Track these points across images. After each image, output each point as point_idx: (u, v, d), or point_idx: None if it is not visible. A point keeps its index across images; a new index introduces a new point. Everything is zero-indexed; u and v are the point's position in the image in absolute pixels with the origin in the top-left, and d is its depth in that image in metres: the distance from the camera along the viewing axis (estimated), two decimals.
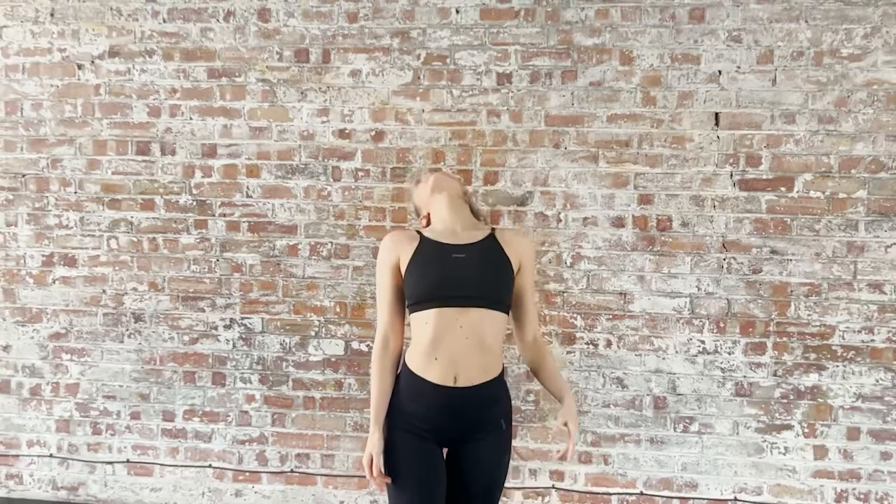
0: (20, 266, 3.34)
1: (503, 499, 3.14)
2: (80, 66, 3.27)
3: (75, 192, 3.30)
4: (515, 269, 2.14)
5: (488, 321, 2.02)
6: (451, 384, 2.01)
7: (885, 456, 3.02)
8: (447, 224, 2.18)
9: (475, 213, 2.31)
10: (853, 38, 2.96)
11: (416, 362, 2.06)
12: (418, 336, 2.06)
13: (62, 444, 3.37)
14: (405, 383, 2.09)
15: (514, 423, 3.09)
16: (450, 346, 2.00)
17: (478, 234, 2.15)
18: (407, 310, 2.13)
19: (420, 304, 2.05)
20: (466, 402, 2.02)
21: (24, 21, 3.28)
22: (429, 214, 2.29)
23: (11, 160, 3.32)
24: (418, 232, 2.19)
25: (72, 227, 3.31)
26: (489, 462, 2.09)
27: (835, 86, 2.97)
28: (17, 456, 3.39)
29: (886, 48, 2.94)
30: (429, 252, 2.09)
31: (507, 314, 2.14)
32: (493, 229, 2.20)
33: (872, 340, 3.00)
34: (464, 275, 2.02)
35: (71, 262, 3.32)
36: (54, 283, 3.34)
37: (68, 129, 3.29)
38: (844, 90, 2.97)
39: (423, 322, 2.03)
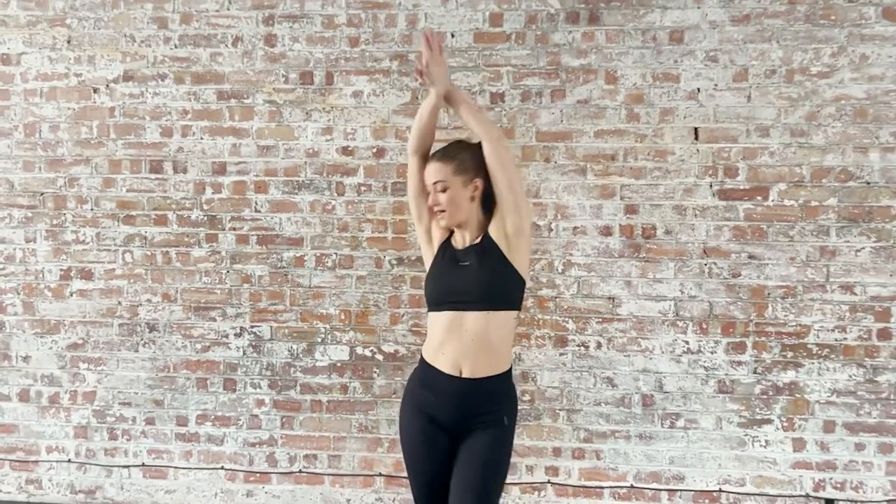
0: (39, 280, 3.51)
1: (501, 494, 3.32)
2: (95, 90, 3.46)
3: (91, 209, 3.48)
4: (502, 226, 2.20)
5: (494, 323, 2.18)
6: (457, 375, 2.19)
7: (859, 447, 3.21)
8: (466, 229, 2.30)
9: None
10: (821, 56, 3.17)
11: (429, 353, 2.25)
12: (431, 331, 2.27)
13: (80, 450, 3.53)
14: (420, 369, 2.29)
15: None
16: (455, 346, 2.18)
17: (479, 234, 2.28)
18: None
19: (431, 305, 2.27)
20: (471, 392, 2.19)
21: (42, 48, 3.46)
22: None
23: (30, 179, 3.49)
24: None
25: (88, 243, 3.49)
26: (486, 451, 2.20)
27: (805, 101, 3.19)
28: (37, 462, 3.55)
29: (852, 66, 3.16)
30: (445, 257, 2.28)
31: (516, 309, 2.26)
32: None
33: (845, 338, 3.21)
34: (467, 282, 2.19)
35: (87, 275, 3.49)
36: (72, 295, 3.50)
37: (84, 149, 3.47)
38: (814, 105, 3.18)
39: (434, 322, 2.26)
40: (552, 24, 3.27)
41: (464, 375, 2.18)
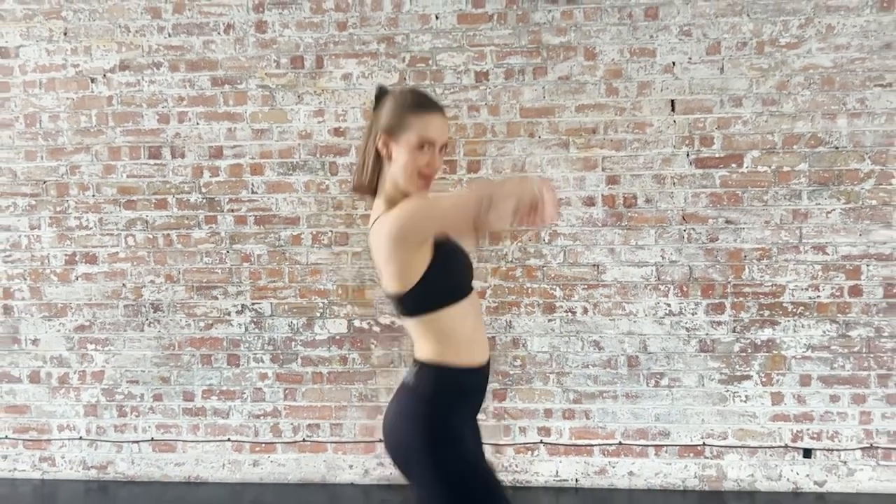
0: (45, 266, 3.64)
1: (496, 455, 3.49)
2: (93, 80, 3.57)
3: (93, 196, 3.60)
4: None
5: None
6: (487, 358, 1.93)
7: (834, 399, 3.39)
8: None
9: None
10: (790, 28, 3.32)
11: (464, 354, 1.85)
12: (460, 328, 1.85)
13: (91, 427, 3.67)
14: (452, 379, 1.85)
15: (502, 386, 3.45)
16: (480, 327, 1.92)
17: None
18: (435, 313, 1.81)
19: (459, 295, 1.86)
20: (489, 375, 1.99)
21: (39, 40, 3.56)
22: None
23: (33, 168, 3.61)
24: None
25: (91, 228, 3.61)
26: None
27: (775, 71, 3.33)
28: (50, 440, 3.69)
29: (819, 36, 3.30)
30: (449, 242, 1.88)
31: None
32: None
33: (818, 296, 3.37)
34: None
35: (92, 259, 3.62)
36: (77, 279, 3.63)
37: (84, 137, 3.59)
38: (784, 75, 3.33)
39: (458, 312, 1.84)
40: (532, 4, 3.39)
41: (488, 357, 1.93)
